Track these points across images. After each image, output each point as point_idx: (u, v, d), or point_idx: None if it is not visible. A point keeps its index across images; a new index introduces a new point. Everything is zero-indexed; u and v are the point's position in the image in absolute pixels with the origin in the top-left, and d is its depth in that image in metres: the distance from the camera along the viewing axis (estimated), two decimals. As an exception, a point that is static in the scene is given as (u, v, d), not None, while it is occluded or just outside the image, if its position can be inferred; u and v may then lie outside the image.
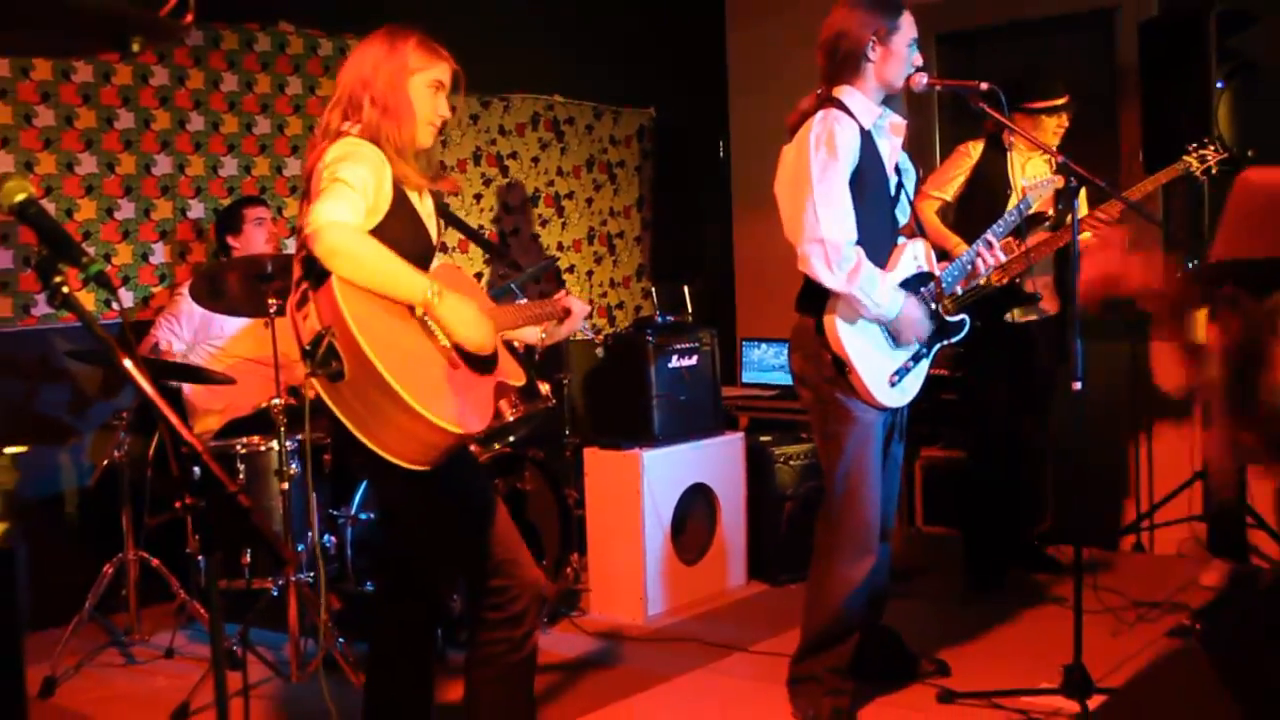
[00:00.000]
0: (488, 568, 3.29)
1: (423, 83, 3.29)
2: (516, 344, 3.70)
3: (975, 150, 5.71)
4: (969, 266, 4.38)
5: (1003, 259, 4.49)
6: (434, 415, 2.92)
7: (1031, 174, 5.55)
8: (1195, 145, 5.01)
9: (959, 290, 4.49)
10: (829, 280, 3.95)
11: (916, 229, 4.42)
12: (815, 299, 4.10)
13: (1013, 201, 5.46)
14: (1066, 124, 5.54)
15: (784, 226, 4.06)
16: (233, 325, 5.43)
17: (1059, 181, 4.70)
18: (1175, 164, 5.00)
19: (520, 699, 3.40)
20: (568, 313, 3.69)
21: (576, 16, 7.52)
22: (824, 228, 3.92)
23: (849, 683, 4.20)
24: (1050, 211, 5.38)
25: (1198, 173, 4.92)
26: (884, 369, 4.10)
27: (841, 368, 4.05)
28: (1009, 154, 5.58)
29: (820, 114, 4.01)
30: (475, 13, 6.93)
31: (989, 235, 4.41)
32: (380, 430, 2.96)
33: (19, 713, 1.93)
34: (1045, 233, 5.34)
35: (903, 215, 4.33)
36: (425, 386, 2.96)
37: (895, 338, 4.13)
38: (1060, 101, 5.45)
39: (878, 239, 4.10)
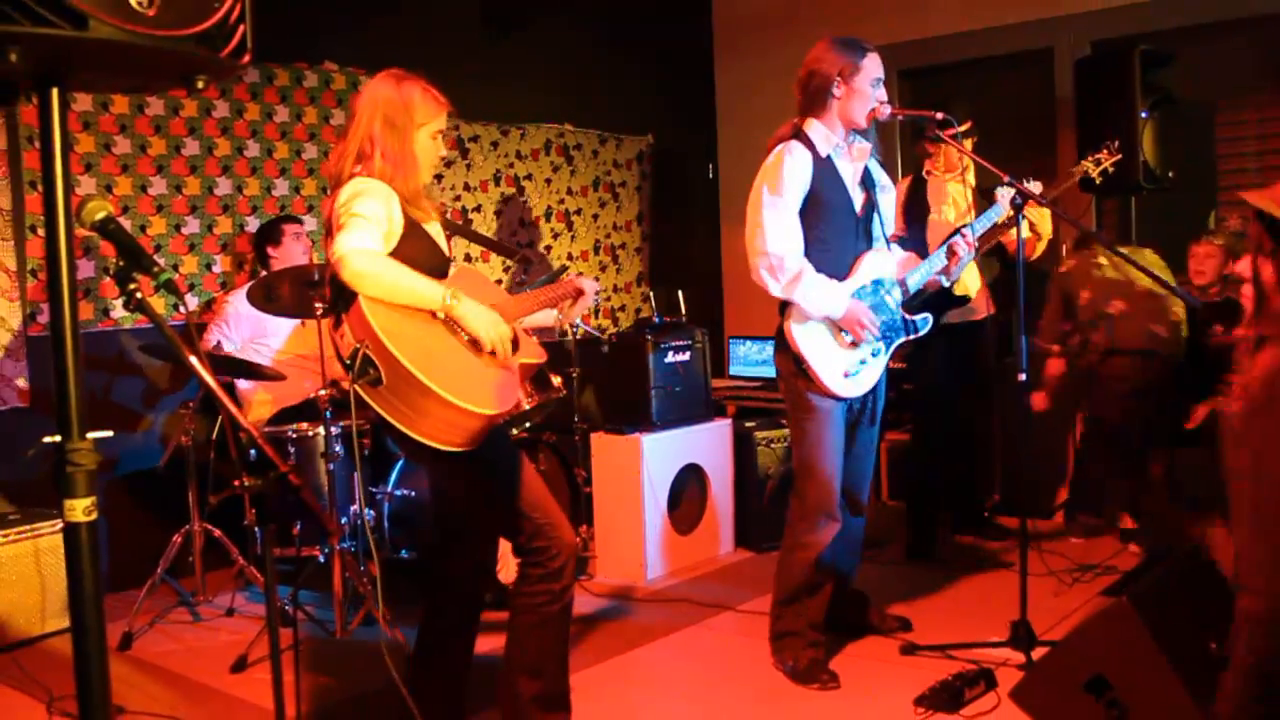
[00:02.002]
0: (529, 531, 3.29)
1: (426, 134, 3.26)
2: (534, 337, 3.69)
3: (902, 186, 5.74)
4: (931, 272, 4.35)
5: (967, 252, 4.39)
6: (464, 401, 2.93)
7: (950, 195, 5.55)
8: (1092, 150, 4.96)
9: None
10: (772, 288, 4.04)
11: (884, 241, 4.39)
12: (785, 305, 4.14)
13: (949, 215, 5.45)
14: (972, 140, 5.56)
15: (745, 243, 4.12)
16: (278, 326, 5.44)
17: (1009, 196, 4.68)
18: (1075, 167, 4.96)
19: (556, 643, 3.39)
20: (580, 292, 3.62)
21: (584, 57, 7.52)
22: (769, 244, 3.99)
23: (823, 636, 4.22)
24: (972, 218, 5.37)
25: (1094, 174, 4.87)
26: (838, 364, 4.11)
27: (799, 363, 4.08)
28: (927, 182, 5.61)
29: (778, 147, 4.08)
30: (496, 54, 6.94)
31: (964, 232, 4.31)
32: (420, 422, 2.96)
33: (101, 662, 1.94)
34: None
35: (877, 228, 4.30)
36: (454, 378, 2.96)
37: (849, 334, 4.15)
38: (966, 126, 5.47)
39: (841, 250, 4.13)
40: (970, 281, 5.51)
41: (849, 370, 4.14)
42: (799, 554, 4.20)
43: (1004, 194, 4.65)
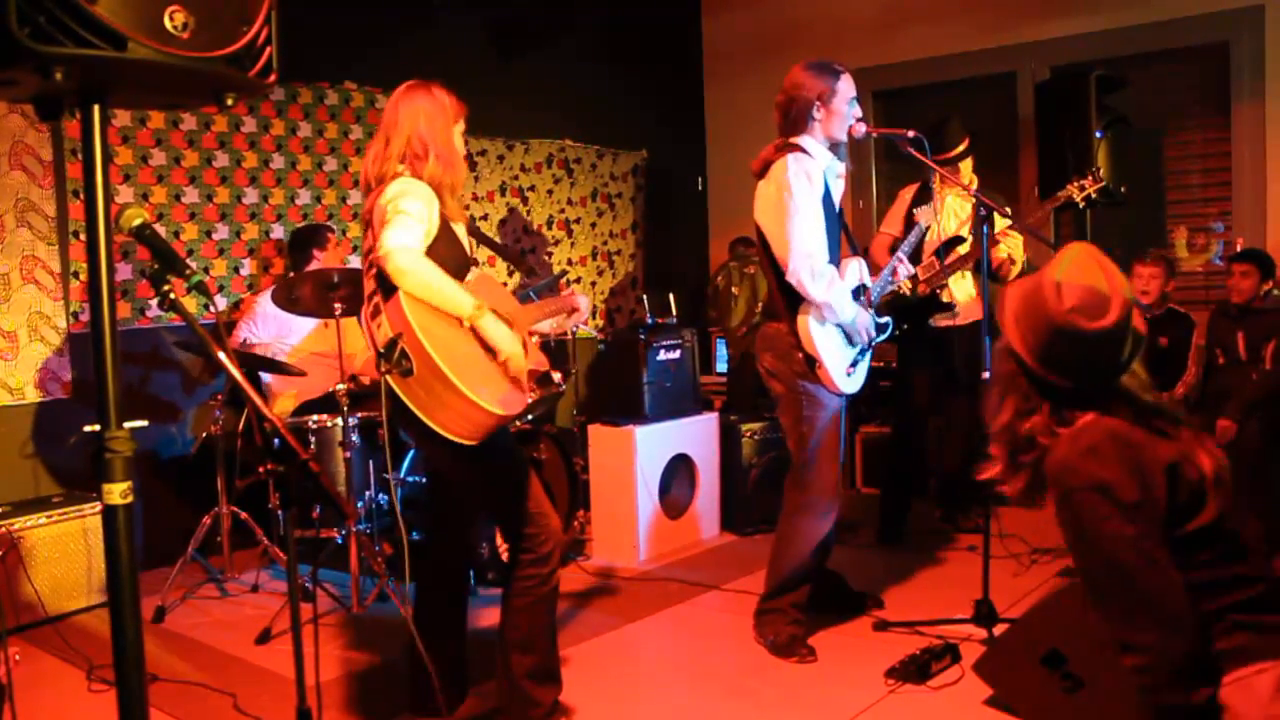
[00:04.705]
0: (521, 519, 3.29)
1: (458, 131, 3.29)
2: (535, 339, 3.70)
3: (908, 194, 5.74)
4: (889, 280, 4.41)
5: (909, 271, 4.55)
6: (483, 401, 2.93)
7: (949, 207, 5.56)
8: (1077, 176, 4.97)
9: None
10: (814, 291, 3.95)
11: (852, 250, 4.41)
12: (786, 308, 4.08)
13: (936, 230, 5.47)
14: (971, 158, 5.55)
15: (773, 248, 4.03)
16: (302, 325, 5.43)
17: (931, 214, 4.75)
18: (1060, 192, 4.97)
19: (546, 622, 3.39)
20: (575, 309, 3.71)
21: (584, 78, 7.52)
22: (807, 245, 3.93)
23: (804, 614, 4.21)
24: (966, 235, 5.38)
25: (1078, 199, 4.87)
26: (843, 363, 4.11)
27: (812, 364, 4.05)
28: (931, 192, 5.60)
29: (792, 156, 3.99)
30: (502, 75, 6.94)
31: (899, 253, 4.48)
32: (440, 414, 2.96)
33: (136, 634, 1.94)
34: (957, 252, 5.33)
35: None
36: (476, 378, 2.96)
37: (849, 337, 4.14)
38: (959, 150, 5.45)
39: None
40: (957, 289, 5.51)
41: (850, 370, 4.14)
42: (799, 544, 4.16)
43: (923, 211, 4.68)
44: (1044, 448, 2.20)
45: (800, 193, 3.94)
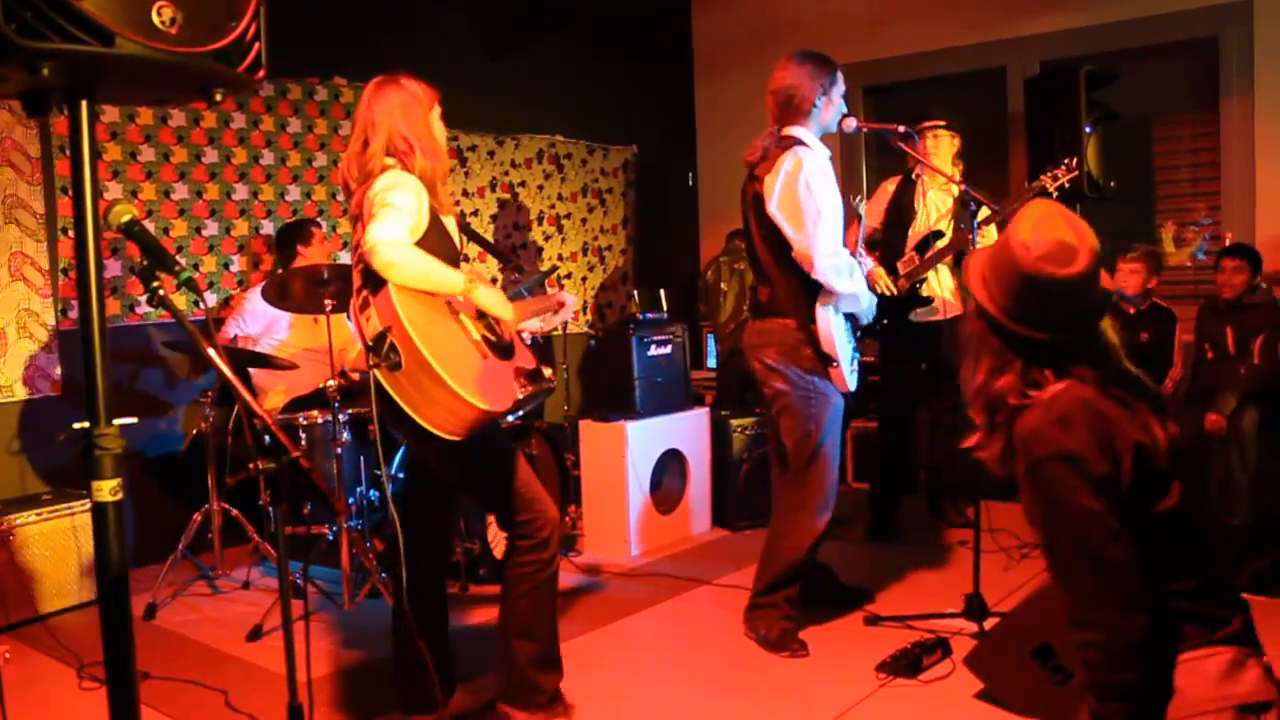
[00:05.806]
0: (516, 506, 3.29)
1: (436, 117, 3.28)
2: (525, 335, 3.69)
3: (891, 186, 5.75)
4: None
5: (870, 266, 4.75)
6: (470, 396, 2.92)
7: (933, 200, 5.57)
8: (1050, 166, 4.97)
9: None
10: (844, 285, 3.95)
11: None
12: (796, 304, 4.05)
13: (919, 224, 5.49)
14: (958, 142, 5.56)
15: (794, 245, 3.96)
16: (290, 321, 5.42)
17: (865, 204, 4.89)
18: (1034, 182, 4.97)
19: (547, 608, 3.39)
20: (562, 305, 3.71)
21: (574, 73, 7.51)
22: (835, 243, 3.93)
23: (796, 609, 4.21)
24: (946, 229, 5.38)
25: (1051, 188, 4.86)
26: (848, 360, 4.11)
27: (828, 361, 4.04)
28: (916, 185, 5.61)
29: (803, 150, 3.96)
30: (493, 71, 6.93)
31: (859, 253, 4.58)
32: (427, 409, 2.95)
33: (127, 631, 1.93)
34: (936, 246, 5.33)
35: None
36: (464, 374, 2.96)
37: (856, 325, 4.15)
38: (941, 123, 5.49)
39: None
40: (936, 283, 5.51)
41: (853, 366, 4.15)
42: (795, 540, 4.15)
43: (860, 201, 4.74)
44: (1015, 409, 2.17)
45: (821, 190, 3.93)
